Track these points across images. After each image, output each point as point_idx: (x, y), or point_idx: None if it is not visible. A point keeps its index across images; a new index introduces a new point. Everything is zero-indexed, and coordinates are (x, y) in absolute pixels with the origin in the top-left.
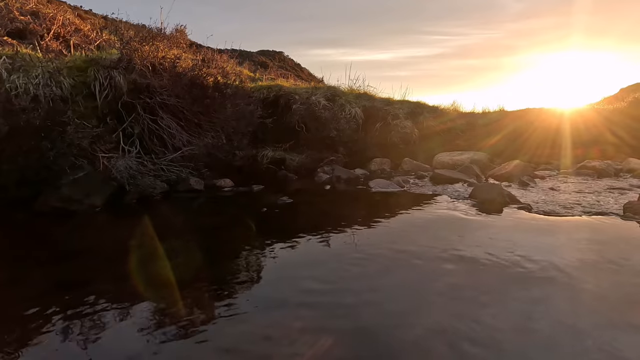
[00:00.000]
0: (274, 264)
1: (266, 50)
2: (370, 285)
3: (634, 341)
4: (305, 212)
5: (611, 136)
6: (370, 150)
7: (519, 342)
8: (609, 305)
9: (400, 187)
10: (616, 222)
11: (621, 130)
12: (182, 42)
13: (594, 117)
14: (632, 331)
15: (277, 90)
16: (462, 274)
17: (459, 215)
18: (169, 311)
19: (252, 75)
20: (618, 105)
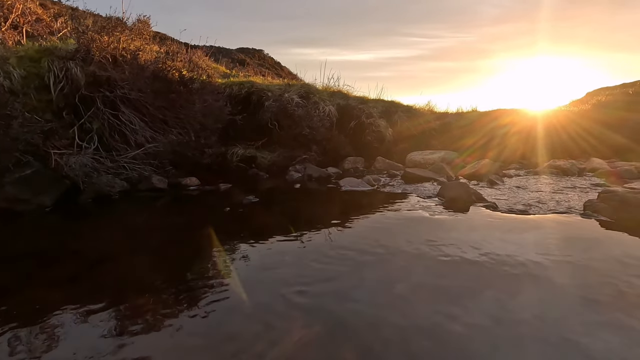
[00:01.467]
0: (232, 265)
1: (245, 48)
2: (334, 287)
3: (599, 331)
4: (270, 211)
5: (576, 137)
6: (344, 149)
7: (487, 335)
8: (572, 298)
9: (370, 186)
10: (576, 219)
11: (585, 132)
12: (146, 33)
13: (561, 119)
14: (595, 322)
15: (249, 87)
16: (428, 272)
17: (425, 215)
18: (118, 318)
19: (228, 72)
20: (583, 107)
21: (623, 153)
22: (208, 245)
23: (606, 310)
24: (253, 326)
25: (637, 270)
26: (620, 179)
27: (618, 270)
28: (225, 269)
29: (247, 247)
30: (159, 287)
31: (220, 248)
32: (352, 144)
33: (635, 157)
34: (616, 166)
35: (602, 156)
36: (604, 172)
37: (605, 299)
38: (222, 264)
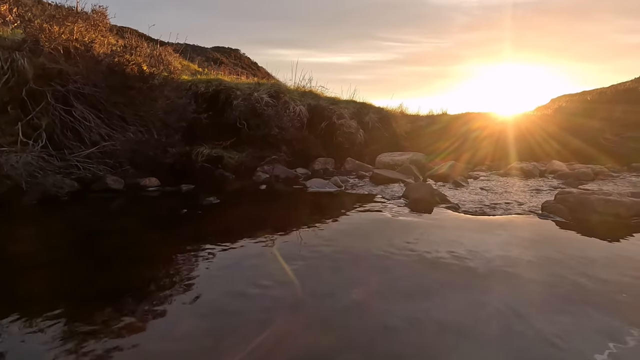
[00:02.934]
0: (182, 270)
1: (221, 47)
2: (291, 290)
3: (556, 324)
4: (229, 213)
5: (541, 141)
6: (314, 150)
7: (447, 334)
8: (531, 296)
9: (337, 187)
10: (534, 220)
11: (549, 136)
12: (102, 25)
13: (526, 123)
14: (549, 316)
15: (217, 85)
16: (384, 274)
17: (387, 216)
18: (53, 327)
19: (200, 70)
20: (545, 113)
21: (582, 156)
22: (159, 250)
23: (558, 303)
24: (204, 330)
25: (587, 267)
26: (577, 180)
27: (569, 268)
28: (174, 273)
29: (199, 250)
30: (100, 294)
31: (172, 252)
32: (322, 145)
33: (591, 160)
34: (574, 168)
35: (564, 159)
36: (563, 174)
37: (556, 295)
38: (172, 269)
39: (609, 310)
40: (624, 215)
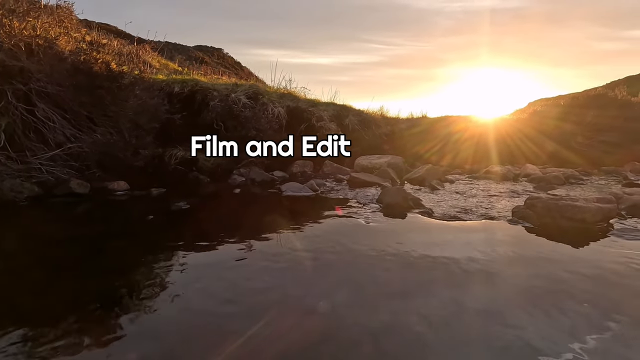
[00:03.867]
0: (140, 283)
1: (204, 46)
2: (259, 299)
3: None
4: (198, 220)
5: (518, 142)
6: (293, 152)
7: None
8: (494, 300)
9: (312, 191)
10: (503, 226)
11: (525, 138)
12: (67, 20)
13: (504, 126)
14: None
15: (192, 85)
16: (351, 282)
17: (359, 221)
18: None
19: (179, 69)
20: (521, 117)
21: (557, 158)
22: (119, 259)
23: (516, 309)
24: (171, 343)
25: (549, 271)
26: (549, 184)
27: (532, 273)
28: (133, 286)
29: (161, 260)
30: (55, 307)
31: (133, 262)
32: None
33: (565, 162)
34: (547, 172)
35: (541, 162)
36: (536, 178)
37: (515, 299)
38: (131, 281)
39: (569, 312)
40: (590, 220)
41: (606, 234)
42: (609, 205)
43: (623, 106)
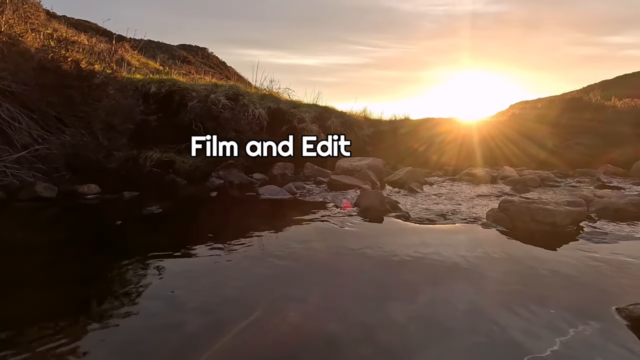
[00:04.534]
0: (102, 293)
1: (188, 45)
2: (230, 308)
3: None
4: (170, 224)
5: (499, 144)
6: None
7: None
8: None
9: (290, 195)
10: (477, 229)
11: (505, 139)
12: (33, 17)
13: (485, 128)
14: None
15: (170, 85)
16: (322, 291)
17: (334, 226)
18: None
19: (160, 69)
20: (501, 118)
21: (536, 160)
22: (80, 268)
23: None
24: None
25: (515, 276)
26: (525, 186)
27: (497, 278)
28: (95, 296)
29: (128, 268)
30: (12, 320)
31: (96, 271)
32: (283, 149)
33: (543, 164)
34: (523, 174)
35: (522, 163)
36: (513, 180)
37: (481, 302)
38: (94, 291)
39: (532, 315)
40: (560, 224)
41: (575, 237)
42: (579, 209)
43: (597, 110)
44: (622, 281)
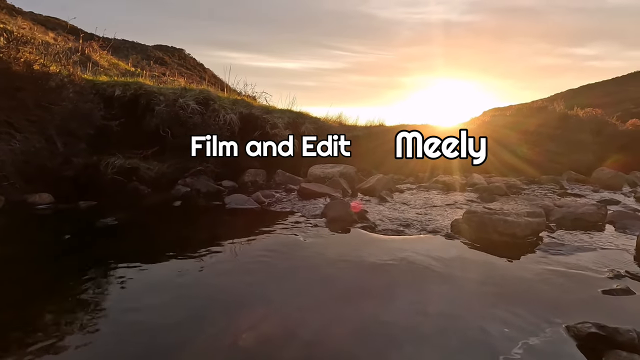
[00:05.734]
0: (43, 317)
1: (164, 46)
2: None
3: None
4: (124, 238)
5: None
6: (246, 160)
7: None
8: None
9: (258, 204)
10: (440, 241)
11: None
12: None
13: (455, 134)
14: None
15: (136, 88)
16: (275, 311)
17: (298, 238)
18: None
19: (132, 70)
20: (471, 126)
21: (505, 167)
22: (15, 289)
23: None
24: None
25: (472, 285)
26: (491, 194)
27: (447, 295)
28: (30, 322)
29: (70, 289)
30: None
31: (34, 292)
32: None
33: (513, 170)
34: (491, 182)
35: (496, 169)
36: (480, 188)
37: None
38: (29, 315)
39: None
40: (520, 235)
41: (534, 249)
42: (538, 220)
43: (561, 118)
44: (573, 296)
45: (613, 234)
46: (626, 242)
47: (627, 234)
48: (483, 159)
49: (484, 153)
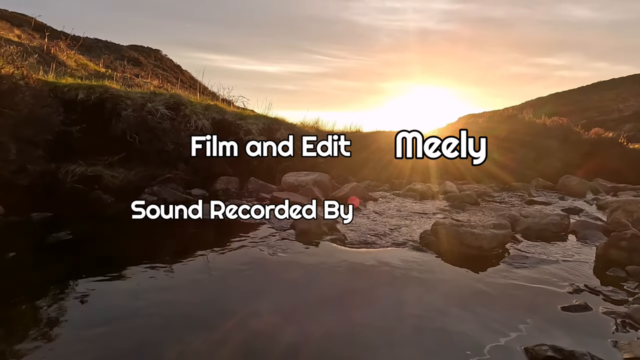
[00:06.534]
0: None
1: (140, 46)
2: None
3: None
4: (76, 255)
5: (440, 160)
6: (218, 167)
7: None
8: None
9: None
10: (408, 254)
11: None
12: None
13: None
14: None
15: (101, 92)
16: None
17: (264, 254)
18: None
19: (103, 71)
20: (446, 133)
21: (478, 173)
22: None
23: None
24: None
25: (430, 310)
26: (462, 203)
27: (423, 305)
28: None
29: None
30: None
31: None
32: (229, 162)
33: (484, 178)
34: (463, 190)
35: (471, 174)
36: (452, 197)
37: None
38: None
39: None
40: (486, 247)
41: (499, 262)
42: (504, 232)
43: (530, 126)
44: (534, 313)
45: (575, 244)
46: (587, 253)
47: (588, 244)
48: (483, 159)
49: (484, 153)
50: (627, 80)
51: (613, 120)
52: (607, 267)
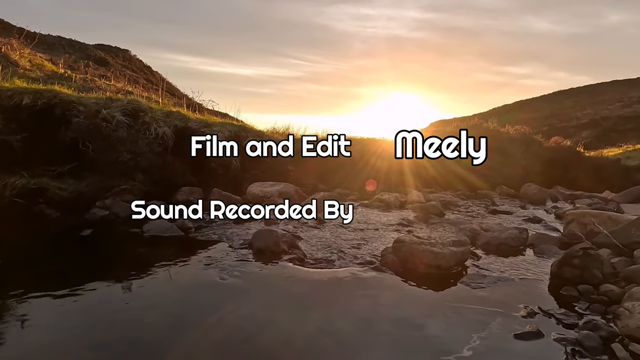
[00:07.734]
0: None
1: (107, 45)
2: None
3: None
4: (6, 283)
5: (420, 162)
6: (180, 177)
7: None
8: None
9: (182, 231)
10: (367, 276)
11: (429, 163)
12: None
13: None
14: None
15: (49, 97)
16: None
17: (214, 279)
18: None
19: (61, 72)
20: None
21: (446, 180)
22: None
23: None
24: None
25: (396, 323)
26: (427, 214)
27: (379, 331)
28: None
29: None
30: None
31: None
32: (192, 171)
33: (450, 186)
34: (429, 199)
35: (444, 181)
36: (418, 207)
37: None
38: None
39: None
40: (444, 266)
41: (457, 282)
42: (462, 249)
43: (495, 134)
44: (487, 342)
45: (532, 259)
46: (542, 270)
47: (544, 258)
48: (483, 159)
49: (484, 153)
50: (584, 90)
51: (572, 127)
52: (561, 286)
